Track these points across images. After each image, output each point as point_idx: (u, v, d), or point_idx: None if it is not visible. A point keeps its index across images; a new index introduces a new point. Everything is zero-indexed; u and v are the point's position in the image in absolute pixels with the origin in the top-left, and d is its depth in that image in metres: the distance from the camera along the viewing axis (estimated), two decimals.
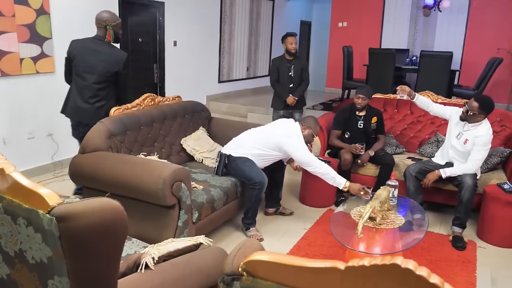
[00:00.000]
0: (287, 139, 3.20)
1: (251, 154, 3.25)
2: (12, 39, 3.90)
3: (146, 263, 1.58)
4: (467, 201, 3.22)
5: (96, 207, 1.14)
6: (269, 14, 8.92)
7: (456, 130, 3.47)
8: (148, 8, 5.67)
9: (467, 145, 3.35)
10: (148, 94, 3.54)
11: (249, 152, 3.25)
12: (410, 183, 3.49)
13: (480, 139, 3.25)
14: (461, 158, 3.42)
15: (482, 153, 3.27)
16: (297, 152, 3.18)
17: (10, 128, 4.06)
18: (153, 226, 2.62)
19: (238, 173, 3.22)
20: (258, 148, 3.26)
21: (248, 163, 3.21)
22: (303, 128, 3.30)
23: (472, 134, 3.32)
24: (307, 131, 3.29)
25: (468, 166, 3.29)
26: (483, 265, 2.97)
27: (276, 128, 3.33)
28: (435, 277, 0.75)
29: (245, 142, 3.31)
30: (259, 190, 3.13)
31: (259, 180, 3.11)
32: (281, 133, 3.24)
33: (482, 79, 6.94)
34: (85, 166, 2.77)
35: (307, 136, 3.30)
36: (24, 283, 1.23)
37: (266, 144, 3.25)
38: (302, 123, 3.34)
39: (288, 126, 3.32)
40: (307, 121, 3.35)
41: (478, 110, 3.24)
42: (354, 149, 3.84)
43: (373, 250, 2.51)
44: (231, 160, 3.25)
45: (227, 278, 1.01)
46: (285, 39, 4.66)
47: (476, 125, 3.32)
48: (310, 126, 3.31)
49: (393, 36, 8.91)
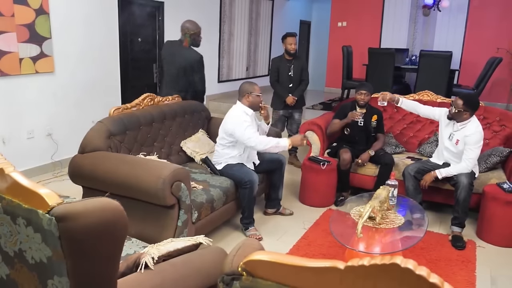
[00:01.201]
0: (228, 125, 3.24)
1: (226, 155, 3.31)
2: (11, 39, 3.90)
3: (145, 263, 1.58)
4: (463, 200, 3.23)
5: (96, 207, 1.14)
6: (268, 14, 8.92)
7: (447, 131, 3.50)
8: (148, 8, 5.66)
9: (459, 146, 3.37)
10: (147, 94, 3.54)
11: (222, 152, 3.32)
12: (409, 183, 3.51)
13: (470, 138, 3.27)
14: (456, 159, 3.44)
15: (475, 152, 3.28)
16: (237, 133, 3.18)
17: (10, 128, 4.06)
18: (153, 226, 2.62)
19: (232, 179, 3.25)
20: (224, 144, 3.30)
21: (236, 167, 3.26)
22: (244, 99, 3.29)
23: (462, 134, 3.34)
24: (249, 99, 3.28)
25: (463, 166, 3.31)
26: (482, 264, 2.97)
27: (225, 119, 3.34)
28: (435, 277, 0.75)
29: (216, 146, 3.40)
30: (250, 188, 3.15)
31: (248, 179, 3.14)
32: (226, 122, 3.28)
33: (482, 78, 6.94)
34: (85, 166, 2.77)
35: (253, 103, 3.29)
36: (24, 283, 1.23)
37: (224, 137, 3.29)
38: (240, 97, 3.32)
39: (230, 111, 3.34)
40: (242, 89, 3.31)
41: (463, 107, 3.27)
42: (352, 116, 3.82)
43: (372, 249, 2.51)
44: (223, 169, 3.31)
45: (227, 277, 1.01)
46: (284, 39, 4.66)
47: (464, 124, 3.34)
48: (248, 91, 3.27)
49: (392, 36, 8.92)
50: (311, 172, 3.84)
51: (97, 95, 4.88)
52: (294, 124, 4.89)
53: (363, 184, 3.95)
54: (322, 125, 4.13)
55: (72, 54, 4.54)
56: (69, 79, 4.53)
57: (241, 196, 3.21)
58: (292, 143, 3.21)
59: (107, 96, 5.01)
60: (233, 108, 3.34)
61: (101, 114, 3.51)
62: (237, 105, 3.33)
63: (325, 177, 3.81)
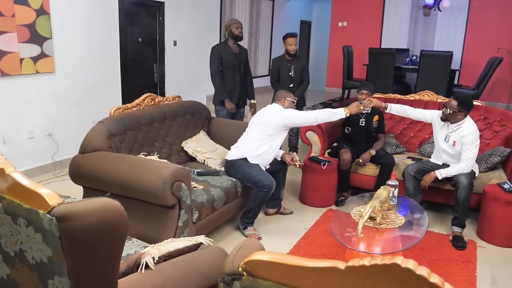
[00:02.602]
0: (280, 113, 3.31)
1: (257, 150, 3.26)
2: (12, 39, 3.90)
3: (146, 263, 1.58)
4: (463, 200, 3.23)
5: (97, 207, 1.14)
6: (269, 14, 8.92)
7: (442, 134, 3.50)
8: (148, 8, 5.67)
9: (456, 147, 3.38)
10: (148, 94, 3.54)
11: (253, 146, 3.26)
12: (409, 183, 3.50)
13: (466, 138, 3.28)
14: (455, 160, 3.44)
15: (472, 151, 3.29)
16: (294, 117, 3.31)
17: (10, 128, 4.06)
18: (153, 226, 2.62)
19: (246, 178, 3.21)
20: (262, 137, 3.27)
21: (255, 167, 3.21)
22: (281, 102, 3.40)
23: (457, 134, 3.35)
24: (286, 102, 3.39)
25: (463, 166, 3.31)
26: (483, 264, 2.97)
27: (264, 114, 3.37)
28: (435, 277, 0.75)
29: (248, 138, 3.34)
30: (266, 192, 3.13)
31: (268, 183, 3.11)
32: (272, 113, 3.33)
33: (482, 78, 6.95)
34: (85, 166, 2.77)
35: (289, 106, 3.41)
36: (24, 283, 1.23)
37: (267, 128, 3.28)
38: (276, 100, 3.44)
39: (270, 107, 3.41)
40: (279, 95, 3.46)
41: (457, 108, 3.28)
42: (363, 106, 3.52)
43: (373, 250, 2.51)
44: (237, 165, 3.25)
45: (227, 278, 1.01)
46: (285, 40, 4.66)
47: (459, 125, 3.35)
48: (284, 97, 3.41)
49: (393, 36, 8.92)
50: (312, 172, 3.84)
51: (98, 95, 4.88)
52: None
53: (363, 184, 3.95)
54: (322, 125, 4.13)
55: (72, 54, 4.54)
56: (69, 79, 4.53)
57: (254, 197, 3.18)
58: (349, 111, 3.35)
59: (107, 96, 5.01)
60: (273, 105, 3.42)
61: (101, 114, 3.51)
62: (274, 105, 3.41)
63: (325, 177, 3.81)
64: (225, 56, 4.39)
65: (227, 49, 4.43)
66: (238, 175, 3.24)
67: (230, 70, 4.43)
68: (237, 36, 4.43)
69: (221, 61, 4.38)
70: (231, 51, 4.44)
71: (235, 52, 4.47)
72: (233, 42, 4.47)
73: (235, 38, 4.44)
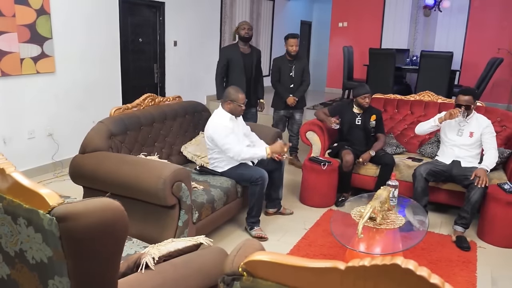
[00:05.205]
0: (209, 131, 3.19)
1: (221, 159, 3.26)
2: (12, 39, 3.91)
3: (146, 263, 1.58)
4: (475, 201, 3.22)
5: (97, 207, 1.14)
6: (269, 14, 8.92)
7: (453, 130, 3.55)
8: (148, 8, 5.67)
9: (473, 138, 3.49)
10: (148, 94, 3.54)
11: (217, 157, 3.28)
12: (418, 184, 3.45)
13: (490, 127, 3.46)
14: (473, 149, 3.52)
15: (495, 139, 3.47)
16: (215, 140, 3.15)
17: (10, 128, 4.06)
18: (154, 226, 2.62)
19: (238, 179, 3.25)
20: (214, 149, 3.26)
21: (241, 167, 3.25)
22: (226, 105, 3.24)
23: (475, 126, 3.48)
24: (230, 106, 3.23)
25: (494, 153, 3.41)
26: (483, 265, 2.97)
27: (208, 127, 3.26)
28: (436, 277, 0.75)
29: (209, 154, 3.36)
30: (261, 185, 3.15)
31: (259, 176, 3.13)
32: (207, 129, 3.23)
33: (483, 79, 6.94)
34: (86, 166, 2.77)
35: (233, 110, 3.24)
36: (25, 283, 1.23)
37: (208, 142, 3.26)
38: (222, 100, 3.29)
39: (212, 117, 3.28)
40: (227, 94, 3.25)
41: (473, 101, 3.45)
42: (329, 122, 3.94)
43: (373, 250, 2.51)
44: (225, 173, 3.28)
45: (228, 278, 1.01)
46: (286, 40, 4.66)
47: (470, 116, 3.50)
48: (231, 99, 3.22)
49: (393, 36, 8.91)
50: (312, 173, 3.84)
51: (98, 95, 4.88)
52: (295, 124, 4.89)
53: (363, 185, 3.95)
54: (323, 125, 4.13)
55: (73, 54, 4.54)
56: (70, 79, 4.54)
57: (251, 193, 3.20)
58: (271, 152, 3.16)
59: (107, 96, 5.02)
60: (215, 113, 3.30)
61: (102, 114, 3.51)
62: (219, 110, 3.29)
63: (325, 177, 3.81)
64: (233, 57, 4.51)
65: (236, 50, 4.54)
66: (232, 178, 3.27)
67: (237, 70, 4.52)
68: (243, 37, 4.51)
69: (228, 62, 4.51)
70: (240, 51, 4.54)
71: (245, 53, 4.56)
72: (242, 43, 4.56)
73: (242, 39, 4.53)
